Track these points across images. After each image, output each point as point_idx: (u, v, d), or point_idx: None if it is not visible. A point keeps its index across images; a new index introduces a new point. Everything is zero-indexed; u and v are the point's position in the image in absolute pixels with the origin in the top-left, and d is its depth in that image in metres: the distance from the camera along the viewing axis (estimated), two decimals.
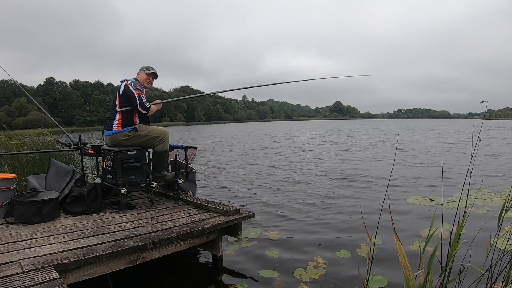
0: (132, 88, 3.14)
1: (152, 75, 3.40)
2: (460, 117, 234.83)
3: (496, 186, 5.81)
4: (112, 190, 3.23)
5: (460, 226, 1.34)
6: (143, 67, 3.41)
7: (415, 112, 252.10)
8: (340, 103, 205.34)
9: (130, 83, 3.18)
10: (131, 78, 3.29)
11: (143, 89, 3.27)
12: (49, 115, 4.91)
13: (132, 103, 3.15)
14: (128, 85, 3.16)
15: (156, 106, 3.41)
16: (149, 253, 2.33)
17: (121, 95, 3.17)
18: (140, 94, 3.16)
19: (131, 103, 3.15)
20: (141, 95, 3.16)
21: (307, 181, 6.63)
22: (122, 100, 3.17)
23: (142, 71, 3.38)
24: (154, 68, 3.42)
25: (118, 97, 3.19)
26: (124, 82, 3.21)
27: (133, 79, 3.27)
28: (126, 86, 3.16)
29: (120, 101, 3.17)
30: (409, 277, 1.24)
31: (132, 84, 3.17)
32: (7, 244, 2.17)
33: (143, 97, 3.18)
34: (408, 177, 6.85)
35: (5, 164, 4.40)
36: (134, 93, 3.13)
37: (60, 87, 74.80)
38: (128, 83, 3.17)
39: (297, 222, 4.00)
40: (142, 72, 3.38)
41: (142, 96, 3.18)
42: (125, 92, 3.15)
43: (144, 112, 3.20)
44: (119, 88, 3.22)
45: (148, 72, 3.37)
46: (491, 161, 9.00)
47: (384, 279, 2.50)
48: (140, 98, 3.15)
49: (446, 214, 3.79)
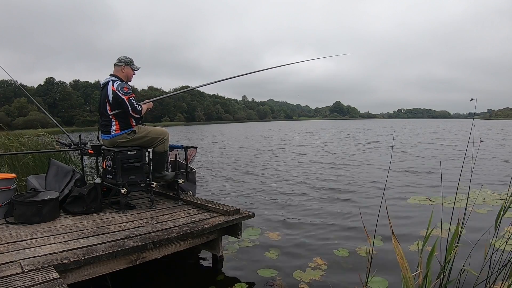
0: (121, 94, 3.03)
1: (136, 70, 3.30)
2: (460, 117, 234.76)
3: (496, 185, 5.81)
4: (112, 190, 3.23)
5: (457, 227, 1.34)
6: (125, 59, 3.23)
7: (415, 112, 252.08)
8: (340, 103, 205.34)
9: (116, 88, 3.05)
10: (114, 79, 3.14)
11: (131, 89, 3.16)
12: (49, 115, 4.91)
13: (124, 109, 3.08)
14: (116, 91, 3.04)
15: (147, 106, 3.34)
16: (149, 253, 2.33)
17: (111, 103, 3.07)
18: (130, 98, 3.07)
19: (123, 109, 3.08)
20: (130, 98, 3.07)
21: (307, 182, 6.63)
22: (113, 107, 3.08)
23: (127, 65, 3.22)
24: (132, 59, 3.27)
25: (108, 104, 3.08)
26: (109, 87, 3.07)
27: (118, 81, 3.13)
28: (114, 92, 3.04)
29: (112, 108, 3.08)
30: (407, 277, 1.24)
31: (120, 88, 3.05)
32: (7, 244, 2.17)
33: (133, 100, 3.09)
34: (409, 178, 6.85)
35: (5, 164, 4.40)
36: (124, 99, 3.04)
37: (60, 87, 74.86)
38: (115, 88, 3.04)
39: (297, 223, 4.00)
40: (127, 66, 3.22)
41: (132, 99, 3.08)
42: (115, 98, 3.05)
43: (137, 116, 3.15)
44: (106, 93, 3.08)
45: (134, 68, 3.27)
46: (493, 161, 9.00)
47: (385, 281, 2.49)
48: (131, 102, 3.07)
49: (447, 214, 3.78)
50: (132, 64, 3.27)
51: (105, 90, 3.12)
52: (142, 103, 3.29)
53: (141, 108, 3.17)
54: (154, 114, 77.15)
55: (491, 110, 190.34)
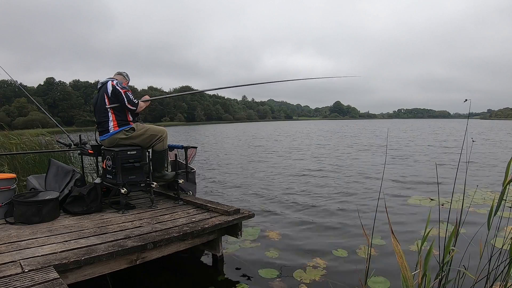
0: (119, 87, 3.19)
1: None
2: (460, 117, 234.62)
3: (496, 185, 5.81)
4: (112, 190, 3.23)
5: (455, 228, 1.34)
6: (122, 72, 3.57)
7: (415, 112, 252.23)
8: (340, 103, 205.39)
9: (116, 83, 3.22)
10: (115, 78, 3.34)
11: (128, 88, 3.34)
12: (49, 115, 4.91)
13: (120, 101, 3.19)
14: (115, 85, 3.18)
15: (145, 103, 3.44)
16: (149, 253, 2.33)
17: (110, 96, 3.18)
18: (127, 92, 3.22)
19: (119, 101, 3.19)
20: (127, 92, 3.22)
21: (307, 182, 6.63)
22: (111, 101, 3.19)
23: (123, 77, 3.51)
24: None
25: (106, 98, 3.20)
26: (109, 82, 3.21)
27: (118, 80, 3.31)
28: (113, 86, 3.18)
29: (110, 102, 3.19)
30: (407, 277, 1.24)
31: (118, 83, 3.23)
32: (7, 244, 2.17)
33: (129, 94, 3.24)
34: (409, 178, 6.85)
35: (5, 164, 4.41)
36: (121, 91, 3.18)
37: (60, 87, 74.80)
38: (114, 83, 3.20)
39: (297, 223, 4.00)
40: (123, 77, 3.51)
41: (129, 93, 3.24)
42: (114, 92, 3.18)
43: (132, 108, 3.24)
44: (106, 89, 3.20)
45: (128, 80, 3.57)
46: (494, 161, 9.00)
47: (387, 281, 2.49)
48: (127, 95, 3.20)
49: (447, 214, 3.78)
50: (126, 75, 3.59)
51: (104, 87, 3.24)
52: (140, 100, 3.39)
53: (138, 102, 3.29)
54: (154, 114, 77.15)
55: (491, 110, 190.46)
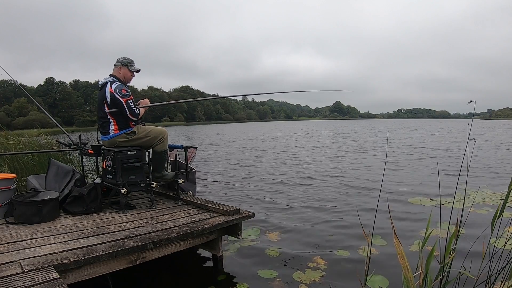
0: (119, 96, 3.00)
1: (136, 72, 3.24)
2: (460, 117, 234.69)
3: (496, 185, 5.81)
4: (112, 190, 3.23)
5: (455, 229, 1.34)
6: (123, 60, 3.17)
7: (415, 112, 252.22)
8: (340, 103, 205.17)
9: (114, 89, 3.01)
10: (113, 80, 3.12)
11: (129, 91, 3.13)
12: (49, 115, 4.90)
13: (121, 111, 3.06)
14: (113, 93, 3.01)
15: (144, 109, 3.34)
16: (149, 253, 2.33)
17: (109, 104, 3.05)
18: (128, 100, 3.03)
19: (120, 110, 3.06)
20: (128, 101, 3.04)
21: (307, 183, 6.63)
22: (110, 107, 3.07)
23: (124, 66, 3.16)
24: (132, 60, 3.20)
25: (106, 105, 3.06)
26: (107, 88, 3.04)
27: (117, 82, 3.11)
28: (112, 94, 3.01)
29: (109, 108, 3.07)
30: (408, 278, 1.24)
31: (118, 90, 3.02)
32: (7, 244, 2.17)
33: (131, 103, 3.06)
34: (410, 178, 6.85)
35: (5, 164, 4.40)
36: (122, 101, 3.02)
37: (60, 87, 74.84)
38: (113, 90, 3.01)
39: (297, 223, 4.00)
40: (124, 67, 3.17)
41: (130, 102, 3.06)
42: (113, 100, 3.03)
43: (134, 119, 3.14)
44: (104, 94, 3.05)
45: (132, 69, 3.21)
46: (495, 161, 9.00)
47: (385, 280, 2.49)
48: (129, 105, 3.04)
49: (447, 214, 3.78)
50: (130, 65, 3.21)
51: (103, 90, 3.10)
52: (140, 106, 3.27)
53: (139, 111, 3.17)
54: (154, 114, 77.11)
55: (491, 110, 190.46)
